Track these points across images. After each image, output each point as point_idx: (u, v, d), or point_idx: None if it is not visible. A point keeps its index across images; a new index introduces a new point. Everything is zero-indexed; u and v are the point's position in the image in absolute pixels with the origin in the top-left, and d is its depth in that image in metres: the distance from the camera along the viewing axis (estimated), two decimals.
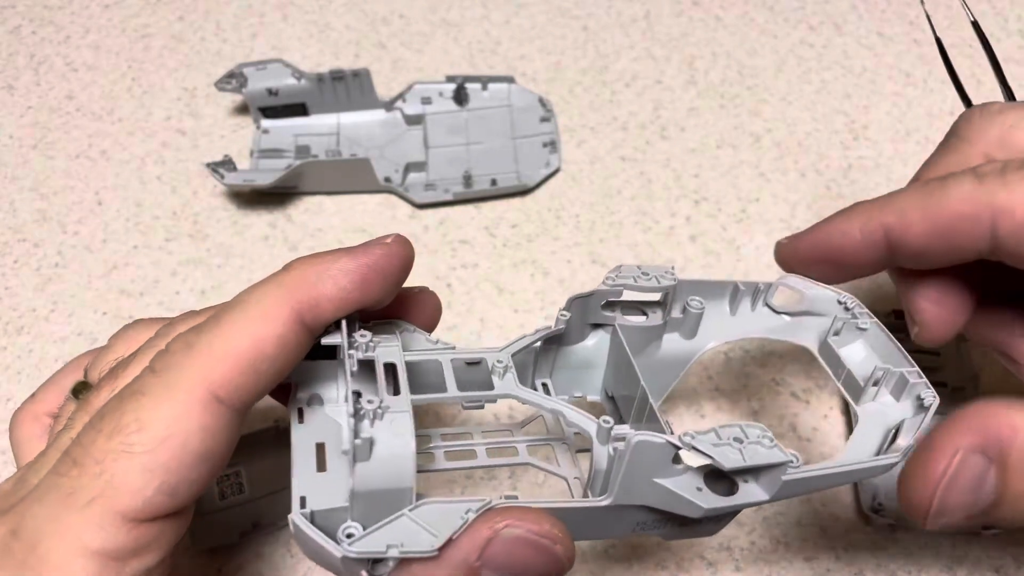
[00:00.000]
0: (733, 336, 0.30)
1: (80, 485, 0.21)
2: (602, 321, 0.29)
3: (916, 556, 0.36)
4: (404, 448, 0.22)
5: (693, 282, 0.29)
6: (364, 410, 0.22)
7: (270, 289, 0.23)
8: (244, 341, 0.22)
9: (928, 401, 0.26)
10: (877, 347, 0.29)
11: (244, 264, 0.44)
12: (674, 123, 0.52)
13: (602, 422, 0.24)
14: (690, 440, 0.23)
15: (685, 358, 0.30)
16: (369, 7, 0.57)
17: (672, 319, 0.29)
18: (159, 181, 0.48)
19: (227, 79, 0.48)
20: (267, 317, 0.23)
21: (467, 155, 0.49)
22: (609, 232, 0.46)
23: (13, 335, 0.42)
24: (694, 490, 0.23)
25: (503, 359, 0.27)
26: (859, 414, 0.28)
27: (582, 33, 0.56)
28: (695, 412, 0.40)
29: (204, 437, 0.21)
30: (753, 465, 0.22)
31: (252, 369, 0.22)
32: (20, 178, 0.48)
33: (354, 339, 0.24)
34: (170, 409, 0.21)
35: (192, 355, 0.22)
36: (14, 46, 0.54)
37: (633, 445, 0.22)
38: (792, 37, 0.56)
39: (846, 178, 0.49)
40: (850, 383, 0.29)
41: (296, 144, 0.49)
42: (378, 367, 0.24)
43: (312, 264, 0.24)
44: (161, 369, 0.22)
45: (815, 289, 0.30)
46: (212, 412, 0.22)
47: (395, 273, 0.25)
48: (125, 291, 0.43)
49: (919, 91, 0.53)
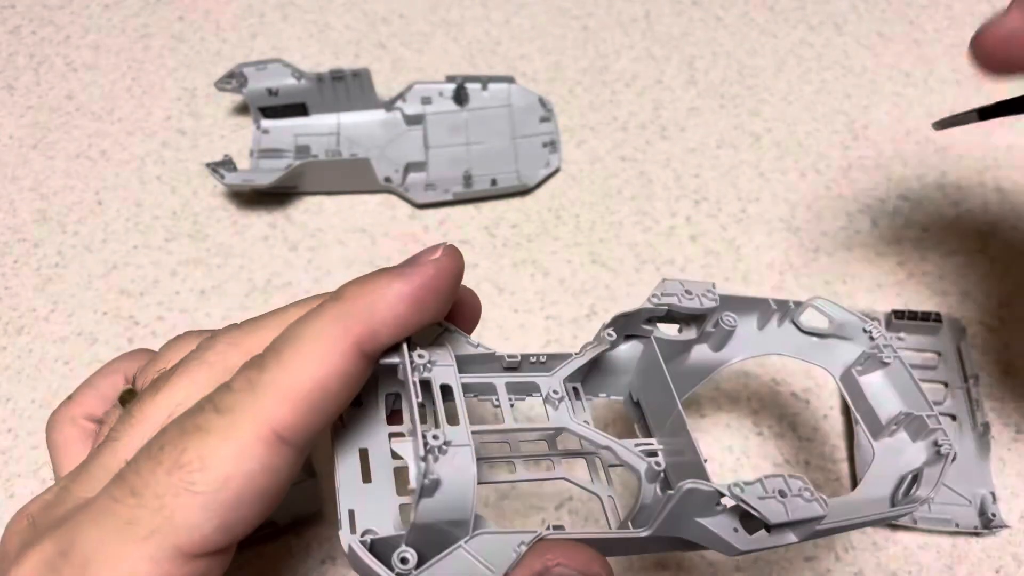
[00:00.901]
0: (759, 351, 0.30)
1: (138, 516, 0.21)
2: (639, 333, 0.29)
3: (916, 556, 0.36)
4: (466, 484, 0.22)
5: (730, 298, 0.29)
6: (430, 446, 0.22)
7: (327, 324, 0.23)
8: (307, 381, 0.22)
9: (945, 449, 0.27)
10: (897, 382, 0.29)
11: (244, 264, 0.44)
12: (674, 123, 0.52)
13: (653, 464, 0.25)
14: (739, 492, 0.23)
15: (708, 368, 0.30)
16: (369, 7, 0.57)
17: (704, 332, 0.30)
18: (159, 181, 0.48)
19: (227, 79, 0.48)
20: (329, 354, 0.22)
21: (467, 155, 0.49)
22: (609, 232, 0.46)
23: (13, 335, 0.42)
24: (731, 531, 0.24)
25: (557, 389, 0.27)
26: (876, 450, 0.28)
27: (582, 33, 0.56)
28: (695, 412, 0.40)
29: (266, 477, 0.22)
30: (794, 520, 0.24)
31: (316, 408, 0.22)
32: (20, 178, 0.48)
33: (413, 360, 0.24)
34: (233, 449, 0.21)
35: (256, 395, 0.22)
36: (14, 46, 0.54)
37: (683, 492, 0.23)
38: (792, 37, 0.56)
39: (846, 178, 0.49)
40: (869, 416, 0.29)
41: (296, 144, 0.49)
42: (436, 394, 0.24)
43: (366, 291, 0.23)
44: (225, 409, 0.22)
45: (844, 314, 0.30)
46: (275, 452, 0.22)
47: (448, 289, 0.24)
48: (125, 291, 0.43)
49: (919, 91, 0.53)
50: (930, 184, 0.49)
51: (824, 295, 0.44)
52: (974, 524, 0.37)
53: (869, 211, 0.48)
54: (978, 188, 0.49)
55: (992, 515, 0.37)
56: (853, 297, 0.44)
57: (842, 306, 0.30)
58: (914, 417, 0.28)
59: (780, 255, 0.46)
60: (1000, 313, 0.44)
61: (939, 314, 0.42)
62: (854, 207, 0.48)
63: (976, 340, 0.43)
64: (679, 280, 0.29)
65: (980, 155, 0.50)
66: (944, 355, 0.42)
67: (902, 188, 0.49)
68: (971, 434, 0.39)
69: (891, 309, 0.42)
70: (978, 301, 0.44)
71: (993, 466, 0.39)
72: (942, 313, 0.42)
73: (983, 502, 0.37)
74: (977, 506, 0.37)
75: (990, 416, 0.40)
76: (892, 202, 0.48)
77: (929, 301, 0.44)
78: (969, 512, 0.37)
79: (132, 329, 0.42)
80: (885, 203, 0.48)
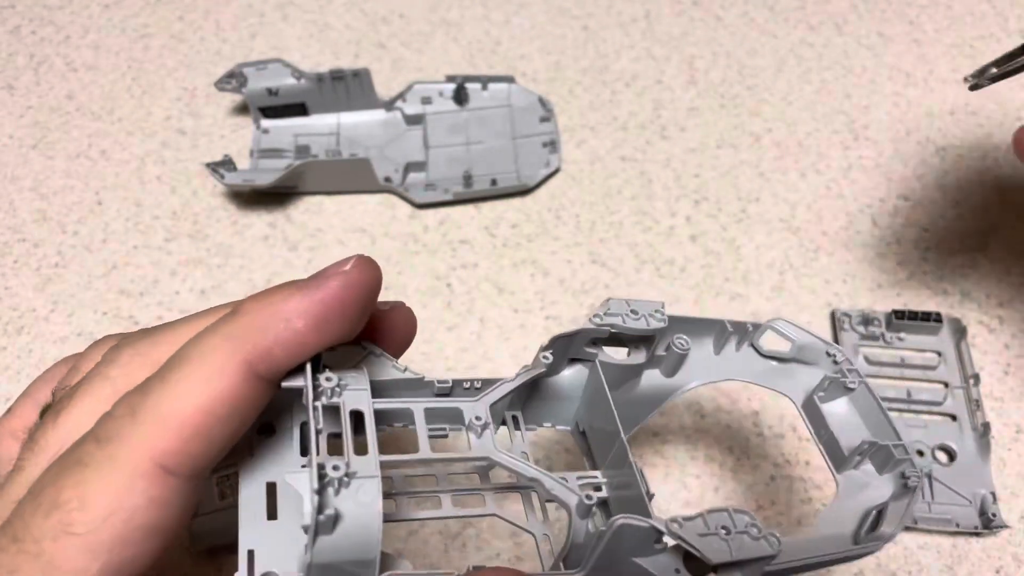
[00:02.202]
0: (715, 377, 0.28)
1: (19, 565, 0.19)
2: (582, 356, 0.27)
3: (916, 556, 0.36)
4: (371, 520, 0.20)
5: (680, 319, 0.27)
6: (329, 478, 0.20)
7: (217, 342, 0.21)
8: (190, 406, 0.20)
9: (913, 482, 0.25)
10: (861, 408, 0.28)
11: (244, 264, 0.44)
12: (674, 123, 0.52)
13: (584, 498, 0.23)
14: (677, 529, 0.21)
15: (662, 396, 0.28)
16: (369, 7, 0.57)
17: (655, 356, 0.28)
18: (159, 181, 0.48)
19: (227, 79, 0.48)
20: (215, 376, 0.20)
21: (467, 155, 0.49)
22: (609, 232, 0.46)
23: (13, 335, 0.42)
24: (672, 572, 0.22)
25: (481, 414, 0.25)
26: (839, 482, 0.27)
27: (582, 33, 0.56)
28: (695, 413, 0.40)
29: (152, 511, 0.20)
30: (739, 560, 0.22)
31: (202, 435, 0.20)
32: (20, 178, 0.48)
33: (319, 382, 0.22)
34: (113, 483, 0.19)
35: (136, 422, 0.20)
36: (14, 46, 0.54)
37: (615, 528, 0.21)
38: (792, 37, 0.56)
39: (846, 178, 0.49)
40: (832, 446, 0.27)
41: (296, 144, 0.49)
42: (344, 420, 0.21)
43: (262, 307, 0.21)
44: (104, 438, 0.20)
45: (806, 336, 0.28)
46: (160, 484, 0.20)
47: (357, 305, 0.22)
48: (125, 291, 0.43)
49: (919, 91, 0.53)
50: (930, 184, 0.49)
51: (824, 295, 0.44)
52: (974, 524, 0.37)
53: (869, 211, 0.48)
54: (978, 188, 0.49)
55: (992, 515, 0.37)
56: (853, 297, 0.44)
57: (804, 328, 0.28)
58: (879, 447, 0.26)
59: (780, 255, 0.46)
60: (1000, 313, 0.44)
61: (939, 314, 0.42)
62: (854, 207, 0.48)
63: (976, 340, 0.43)
64: (625, 299, 0.26)
65: (980, 155, 0.50)
66: (944, 355, 0.42)
67: (902, 188, 0.49)
68: (971, 434, 0.39)
69: (891, 309, 0.42)
70: (978, 301, 0.44)
71: (993, 466, 0.39)
72: (942, 313, 0.42)
73: (983, 502, 0.37)
74: (977, 506, 0.37)
75: (990, 416, 0.40)
76: (892, 202, 0.48)
77: (929, 301, 0.44)
78: (969, 512, 0.37)
79: (132, 329, 0.42)
80: (885, 203, 0.48)
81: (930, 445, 0.39)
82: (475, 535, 0.36)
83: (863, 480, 0.26)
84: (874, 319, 0.42)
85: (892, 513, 0.25)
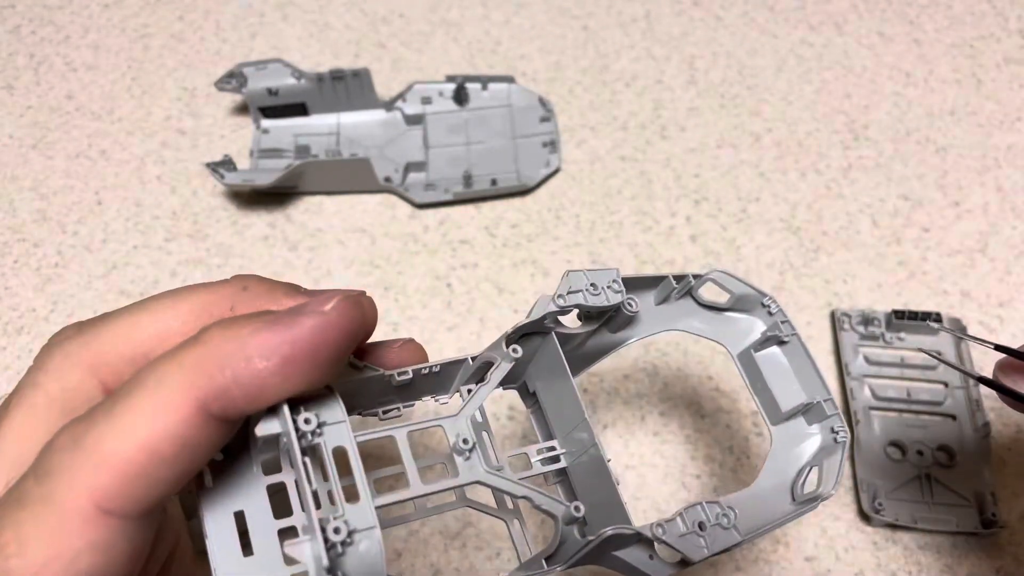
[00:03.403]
0: (656, 329, 0.29)
1: None
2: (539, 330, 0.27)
3: (916, 556, 0.36)
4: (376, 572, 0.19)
5: (631, 279, 0.28)
6: (331, 543, 0.19)
7: (170, 371, 0.19)
8: (134, 444, 0.18)
9: (841, 437, 0.27)
10: (795, 362, 0.28)
11: (244, 264, 0.44)
12: (674, 123, 0.52)
13: (573, 509, 0.24)
14: (661, 534, 0.23)
15: (605, 349, 0.29)
16: (369, 7, 0.57)
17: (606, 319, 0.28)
18: (159, 181, 0.48)
19: (227, 79, 0.48)
20: (162, 411, 0.18)
21: (467, 155, 0.49)
22: (609, 232, 0.46)
23: (13, 335, 0.42)
24: (646, 559, 0.24)
25: (467, 436, 0.24)
26: (774, 434, 0.28)
27: (582, 33, 0.56)
28: (695, 412, 0.40)
29: (94, 556, 0.18)
30: (714, 553, 0.24)
31: (146, 476, 0.18)
32: (20, 178, 0.48)
33: (298, 427, 0.20)
34: (50, 526, 0.18)
35: (77, 458, 0.18)
36: (14, 46, 0.54)
37: (604, 538, 0.22)
38: (792, 37, 0.56)
39: (846, 178, 0.49)
40: (766, 398, 0.28)
41: (296, 144, 0.49)
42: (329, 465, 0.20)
43: (225, 338, 0.19)
44: (43, 474, 0.18)
45: (742, 287, 0.29)
46: (101, 528, 0.18)
47: (331, 352, 0.19)
48: (125, 291, 0.43)
49: (919, 91, 0.53)
50: (930, 184, 0.49)
51: (824, 295, 0.44)
52: (974, 524, 0.37)
53: (869, 211, 0.48)
54: (978, 188, 0.49)
55: (992, 515, 0.37)
56: (853, 297, 0.44)
57: (741, 279, 0.29)
58: (812, 404, 0.27)
59: (780, 255, 0.46)
60: (1000, 313, 0.44)
61: (939, 314, 0.42)
62: (854, 207, 0.48)
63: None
64: (583, 271, 0.26)
65: (980, 155, 0.50)
66: (944, 355, 0.42)
67: (902, 188, 0.49)
68: (971, 434, 0.39)
69: (891, 309, 0.42)
70: (978, 301, 0.44)
71: (993, 466, 0.39)
72: (942, 313, 0.42)
73: (983, 502, 0.37)
74: (977, 506, 0.37)
75: (990, 416, 0.40)
76: (892, 202, 0.48)
77: (929, 301, 0.44)
78: (969, 512, 0.37)
79: None
80: (885, 203, 0.48)
81: (930, 445, 0.39)
82: (475, 535, 0.37)
83: (795, 432, 0.28)
84: (874, 319, 0.42)
85: (827, 471, 0.26)
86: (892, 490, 0.38)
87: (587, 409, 0.25)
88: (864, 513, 0.37)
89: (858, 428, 0.39)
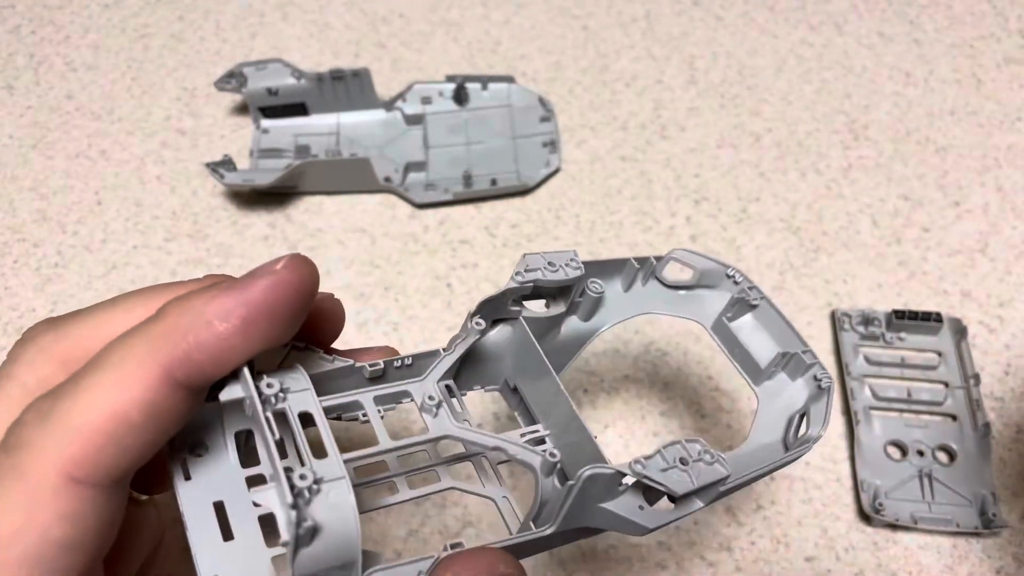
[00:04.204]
0: (629, 313, 0.29)
1: None
2: (507, 316, 0.27)
3: (916, 556, 0.36)
4: (347, 522, 0.19)
5: (592, 263, 0.28)
6: (298, 488, 0.19)
7: (135, 343, 0.19)
8: (102, 412, 0.19)
9: (825, 383, 0.27)
10: (767, 322, 0.29)
11: (244, 264, 0.44)
12: (674, 123, 0.51)
13: (548, 456, 0.24)
14: (641, 469, 0.22)
15: (581, 339, 0.29)
16: (369, 7, 0.57)
17: (573, 303, 0.29)
18: (159, 181, 0.48)
19: (227, 79, 0.48)
20: (128, 380, 0.19)
21: (467, 155, 0.49)
22: (609, 232, 0.46)
23: (13, 335, 0.42)
24: (637, 510, 0.23)
25: (433, 394, 0.25)
26: (759, 394, 0.28)
27: (582, 33, 0.56)
28: (695, 412, 0.40)
29: (64, 526, 0.18)
30: (700, 487, 0.23)
31: (113, 443, 0.19)
32: (20, 178, 0.48)
33: (261, 391, 0.21)
34: (21, 497, 0.18)
35: (46, 430, 0.19)
36: (14, 46, 0.54)
37: (584, 479, 0.22)
38: (792, 37, 0.56)
39: (846, 178, 0.49)
40: (746, 362, 0.29)
41: (296, 144, 0.49)
42: (294, 424, 0.21)
43: (184, 309, 0.20)
44: (12, 447, 0.19)
45: (705, 262, 0.29)
46: (70, 496, 0.18)
47: (291, 308, 0.21)
48: (124, 291, 0.43)
49: (919, 91, 0.53)
50: (930, 184, 0.49)
51: (824, 295, 0.44)
52: (974, 524, 0.37)
53: (869, 211, 0.48)
54: (978, 188, 0.49)
55: (992, 515, 0.37)
56: (853, 297, 0.44)
57: (703, 254, 0.29)
58: (790, 356, 0.28)
59: (780, 255, 0.46)
60: (1000, 313, 0.44)
61: (939, 314, 0.42)
62: (854, 207, 0.48)
63: (976, 340, 0.43)
64: (540, 253, 0.27)
65: (980, 155, 0.50)
66: (944, 355, 0.42)
67: (902, 188, 0.49)
68: (971, 434, 0.39)
69: (891, 309, 0.42)
70: (978, 301, 0.44)
71: (993, 466, 0.39)
72: (942, 313, 0.42)
73: (983, 502, 0.37)
74: (977, 506, 0.37)
75: (990, 416, 0.40)
76: (892, 202, 0.48)
77: (929, 301, 0.44)
78: (969, 512, 0.37)
79: None
80: (885, 203, 0.48)
81: (930, 445, 0.39)
82: (475, 535, 0.36)
83: (779, 388, 0.28)
84: (874, 319, 0.42)
85: (815, 416, 0.27)
86: (892, 490, 0.38)
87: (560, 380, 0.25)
88: (864, 513, 0.37)
89: (858, 428, 0.39)
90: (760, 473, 0.25)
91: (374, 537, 0.37)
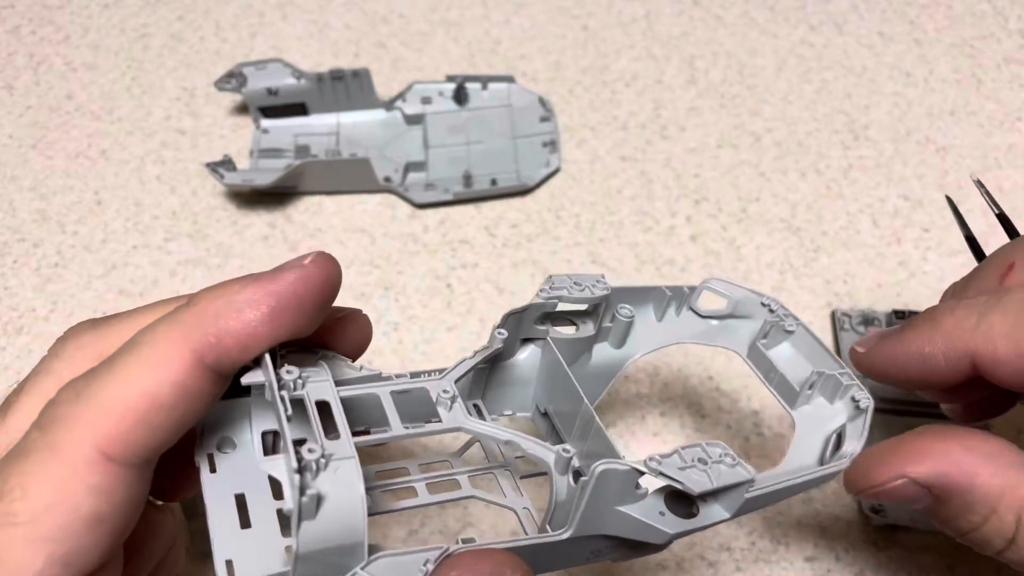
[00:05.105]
0: (662, 343, 0.29)
1: None
2: (534, 335, 0.27)
3: (916, 556, 0.36)
4: (353, 500, 0.19)
5: (623, 289, 0.28)
6: (306, 460, 0.19)
7: (166, 328, 0.20)
8: (134, 392, 0.19)
9: (864, 404, 0.26)
10: (804, 348, 0.29)
11: (244, 264, 0.44)
12: (674, 123, 0.51)
13: (561, 451, 0.23)
14: (656, 465, 0.22)
15: (614, 367, 0.29)
16: (369, 7, 0.57)
17: (602, 328, 0.28)
18: (158, 181, 0.48)
19: (227, 79, 0.48)
20: (160, 362, 0.20)
21: (467, 155, 0.49)
22: (609, 232, 0.46)
23: (13, 335, 0.42)
24: (657, 515, 0.23)
25: (448, 388, 0.25)
26: (795, 418, 0.28)
27: (582, 33, 0.56)
28: (695, 413, 0.40)
29: (94, 500, 0.19)
30: (720, 487, 0.22)
31: (145, 422, 0.20)
32: (19, 178, 0.48)
33: (280, 376, 0.21)
34: (54, 471, 0.19)
35: (79, 407, 0.19)
36: (13, 46, 0.54)
37: (597, 475, 0.21)
38: (792, 37, 0.56)
39: (846, 178, 0.49)
40: (783, 387, 0.28)
41: (296, 144, 0.49)
42: (310, 408, 0.21)
43: (215, 296, 0.21)
44: (47, 424, 0.20)
45: (739, 292, 0.29)
46: (101, 472, 0.19)
47: (314, 300, 0.22)
48: (124, 291, 0.43)
49: (919, 91, 0.53)
50: (930, 184, 0.49)
51: (824, 295, 0.44)
52: None
53: (869, 211, 0.48)
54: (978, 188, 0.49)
55: None
56: (853, 297, 0.44)
57: (737, 283, 0.29)
58: (827, 377, 0.27)
59: (780, 255, 0.46)
60: None
61: None
62: (854, 207, 0.48)
63: None
64: (566, 274, 0.27)
65: (980, 155, 0.50)
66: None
67: (902, 188, 0.49)
68: None
69: (891, 309, 0.42)
70: None
71: None
72: None
73: None
74: None
75: None
76: (892, 202, 0.48)
77: (929, 301, 0.44)
78: None
79: None
80: (885, 203, 0.48)
81: None
82: (477, 536, 0.36)
83: (817, 413, 0.27)
84: (874, 319, 0.42)
85: (851, 432, 0.26)
86: None
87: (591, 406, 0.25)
88: (864, 513, 0.37)
89: None
90: (792, 484, 0.24)
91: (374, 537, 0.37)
